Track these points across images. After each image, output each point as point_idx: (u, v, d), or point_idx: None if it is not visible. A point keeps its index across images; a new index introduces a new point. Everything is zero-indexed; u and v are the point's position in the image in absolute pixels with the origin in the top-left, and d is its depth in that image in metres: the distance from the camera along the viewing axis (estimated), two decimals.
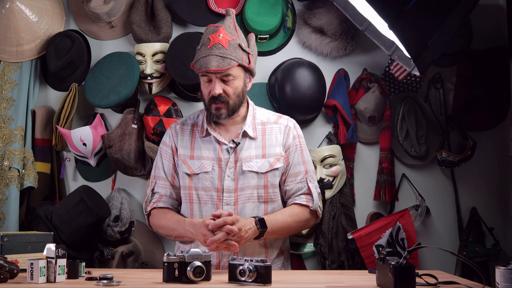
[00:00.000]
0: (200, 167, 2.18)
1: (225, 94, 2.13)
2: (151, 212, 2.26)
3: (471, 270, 2.69)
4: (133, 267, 2.59)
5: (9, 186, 2.63)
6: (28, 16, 2.71)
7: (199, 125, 2.26)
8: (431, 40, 2.02)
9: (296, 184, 2.22)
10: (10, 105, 2.72)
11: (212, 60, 2.08)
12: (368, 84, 2.79)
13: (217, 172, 2.17)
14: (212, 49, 2.10)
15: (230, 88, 2.13)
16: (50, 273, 1.73)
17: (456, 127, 2.82)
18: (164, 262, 1.72)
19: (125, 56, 2.71)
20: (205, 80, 2.15)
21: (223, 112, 2.14)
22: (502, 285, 1.62)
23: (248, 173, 2.16)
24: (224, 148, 2.18)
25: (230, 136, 2.21)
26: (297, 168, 2.23)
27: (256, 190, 2.17)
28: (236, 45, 2.13)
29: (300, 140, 2.28)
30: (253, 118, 2.25)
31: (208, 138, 2.22)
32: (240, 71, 2.15)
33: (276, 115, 2.32)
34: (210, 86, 2.14)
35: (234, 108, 2.17)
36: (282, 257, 2.28)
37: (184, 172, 2.20)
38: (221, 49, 2.10)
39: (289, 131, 2.25)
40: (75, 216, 2.49)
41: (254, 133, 2.21)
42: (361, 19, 2.34)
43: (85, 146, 2.67)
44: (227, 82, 2.13)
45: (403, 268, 1.60)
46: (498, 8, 2.88)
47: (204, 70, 2.10)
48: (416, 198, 2.79)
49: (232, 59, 2.10)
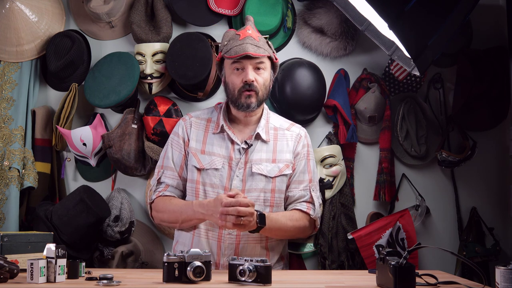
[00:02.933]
0: (210, 162, 2.19)
1: (257, 83, 2.17)
2: (155, 200, 2.23)
3: (471, 270, 2.69)
4: (133, 267, 2.59)
5: (9, 186, 2.63)
6: (28, 16, 2.71)
7: (213, 121, 2.27)
8: (431, 40, 2.02)
9: (299, 191, 2.23)
10: (10, 105, 2.72)
11: (249, 47, 2.15)
12: (368, 84, 2.79)
13: (226, 171, 2.18)
14: (245, 39, 2.17)
15: (261, 78, 2.19)
16: (50, 273, 1.73)
17: (456, 127, 2.82)
18: (164, 262, 1.72)
19: (125, 56, 2.71)
20: (235, 68, 2.18)
21: (253, 101, 2.17)
22: (502, 285, 1.62)
23: (257, 175, 2.17)
24: (236, 148, 2.20)
25: (243, 136, 2.22)
26: (302, 176, 2.25)
27: (263, 193, 2.18)
28: (264, 41, 2.22)
29: (309, 149, 2.31)
30: (266, 122, 2.27)
31: (221, 136, 2.23)
32: (269, 64, 2.23)
33: (289, 122, 2.35)
34: (241, 74, 2.17)
35: (262, 100, 2.21)
36: (282, 263, 2.29)
37: (193, 165, 2.20)
38: (254, 41, 2.18)
39: (300, 139, 2.28)
40: (75, 216, 2.49)
41: (266, 136, 2.23)
42: (361, 19, 2.34)
43: (85, 146, 2.67)
44: (258, 72, 2.18)
45: (403, 268, 1.60)
46: (498, 8, 2.88)
47: (243, 53, 2.13)
48: (416, 198, 2.79)
49: (265, 50, 2.18)
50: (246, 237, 2.15)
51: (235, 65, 2.18)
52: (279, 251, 2.25)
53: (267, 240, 2.20)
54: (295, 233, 2.23)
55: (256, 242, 2.17)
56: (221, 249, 2.14)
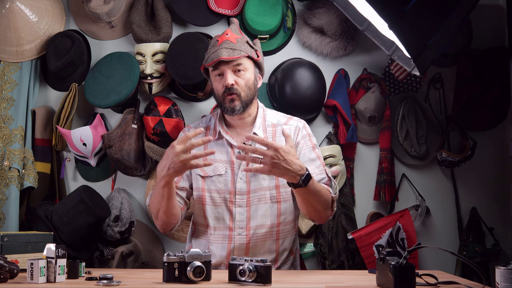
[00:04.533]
0: (213, 169, 2.20)
1: (237, 85, 2.16)
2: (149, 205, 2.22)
3: (471, 270, 2.69)
4: (133, 267, 2.59)
5: (9, 186, 2.63)
6: (28, 16, 2.71)
7: (212, 128, 2.28)
8: (431, 40, 2.02)
9: (317, 176, 2.17)
10: (10, 105, 2.72)
11: (223, 51, 2.14)
12: (368, 84, 2.79)
13: (230, 175, 2.18)
14: (222, 44, 2.17)
15: (242, 79, 2.17)
16: (50, 273, 1.73)
17: (456, 127, 2.82)
18: (164, 262, 1.72)
19: (125, 56, 2.71)
20: (216, 75, 2.19)
21: (236, 104, 2.16)
22: (502, 285, 1.62)
23: (260, 175, 2.17)
24: (236, 151, 2.20)
25: (241, 138, 2.22)
26: (313, 163, 2.20)
27: (268, 191, 2.18)
28: (243, 41, 2.20)
29: (311, 138, 2.27)
30: (263, 120, 2.26)
31: (220, 142, 2.23)
32: (250, 64, 2.20)
33: (286, 116, 2.33)
34: (222, 79, 2.17)
35: (247, 102, 2.18)
36: (292, 257, 2.29)
37: (197, 174, 2.22)
38: (230, 44, 2.16)
39: (299, 131, 2.26)
40: (75, 216, 2.49)
41: (264, 134, 2.23)
42: (361, 19, 2.34)
43: (85, 146, 2.67)
44: (238, 74, 2.17)
45: (403, 268, 1.60)
46: (498, 8, 2.88)
47: (216, 59, 2.13)
48: (416, 198, 2.79)
49: (242, 50, 2.16)
50: (256, 235, 2.16)
51: (215, 72, 2.19)
52: (289, 245, 2.25)
53: (278, 234, 2.19)
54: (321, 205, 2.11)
55: (266, 237, 2.17)
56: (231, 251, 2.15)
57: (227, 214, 2.17)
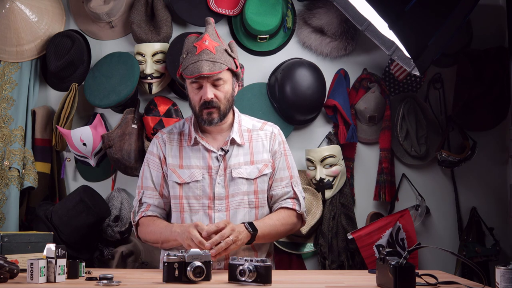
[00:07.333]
0: (190, 176, 2.18)
1: (216, 99, 2.13)
2: (139, 221, 2.22)
3: (471, 270, 2.69)
4: (133, 267, 2.59)
5: (9, 186, 2.63)
6: (28, 16, 2.71)
7: (186, 134, 2.25)
8: (431, 40, 2.02)
9: (282, 189, 2.23)
10: (10, 105, 2.72)
11: (204, 65, 2.08)
12: (368, 84, 2.79)
13: (207, 180, 2.17)
14: (201, 55, 2.10)
15: (221, 92, 2.14)
16: (50, 273, 1.73)
17: (456, 127, 2.82)
18: (164, 262, 1.72)
19: (125, 56, 2.71)
20: (195, 87, 2.15)
21: (215, 117, 2.14)
22: (502, 285, 1.62)
23: (238, 179, 2.17)
24: (213, 156, 2.18)
25: (218, 144, 2.21)
26: (282, 173, 2.24)
27: (246, 196, 2.18)
28: (222, 50, 2.14)
29: (285, 146, 2.29)
30: (239, 125, 2.25)
31: (196, 147, 2.21)
32: (229, 76, 2.16)
33: (261, 122, 2.32)
34: (200, 92, 2.13)
35: (225, 113, 2.17)
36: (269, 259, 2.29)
37: (174, 181, 2.19)
38: (210, 54, 2.10)
39: (275, 137, 2.27)
40: (75, 216, 2.49)
41: (241, 140, 2.22)
42: (361, 19, 2.34)
43: (85, 146, 2.67)
44: (217, 87, 2.13)
45: (403, 268, 1.60)
46: (498, 8, 2.88)
47: (197, 74, 2.09)
48: (416, 198, 2.79)
49: (222, 63, 2.11)
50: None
51: (193, 84, 2.15)
52: (266, 249, 2.26)
53: None
54: (286, 231, 2.24)
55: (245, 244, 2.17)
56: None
57: (206, 220, 2.14)
